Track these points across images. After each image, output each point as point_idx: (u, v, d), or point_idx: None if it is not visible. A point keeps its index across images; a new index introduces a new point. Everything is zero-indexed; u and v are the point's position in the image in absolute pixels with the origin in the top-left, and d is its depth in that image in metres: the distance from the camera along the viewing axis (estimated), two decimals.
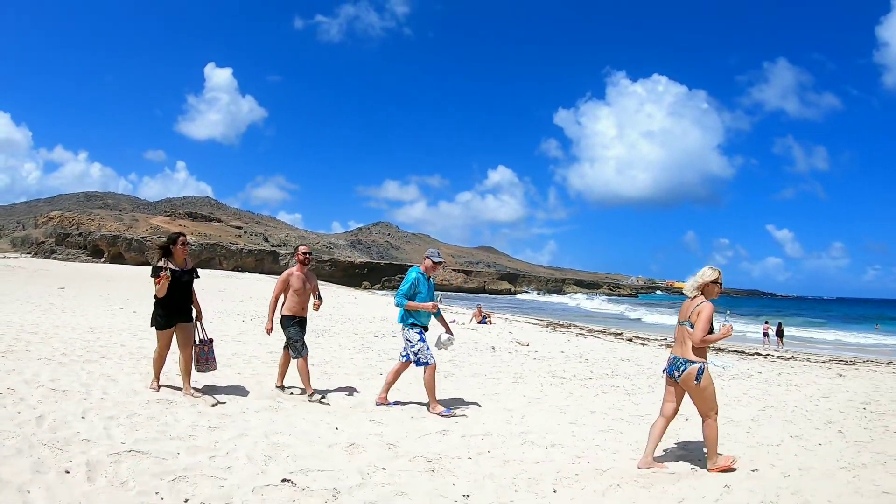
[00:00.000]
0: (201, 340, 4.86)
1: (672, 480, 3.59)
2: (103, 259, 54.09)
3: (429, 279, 5.13)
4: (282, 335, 5.29)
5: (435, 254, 5.22)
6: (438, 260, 5.18)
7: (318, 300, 5.27)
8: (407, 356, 5.04)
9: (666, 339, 16.44)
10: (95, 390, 4.52)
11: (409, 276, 5.03)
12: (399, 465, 3.60)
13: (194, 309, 4.86)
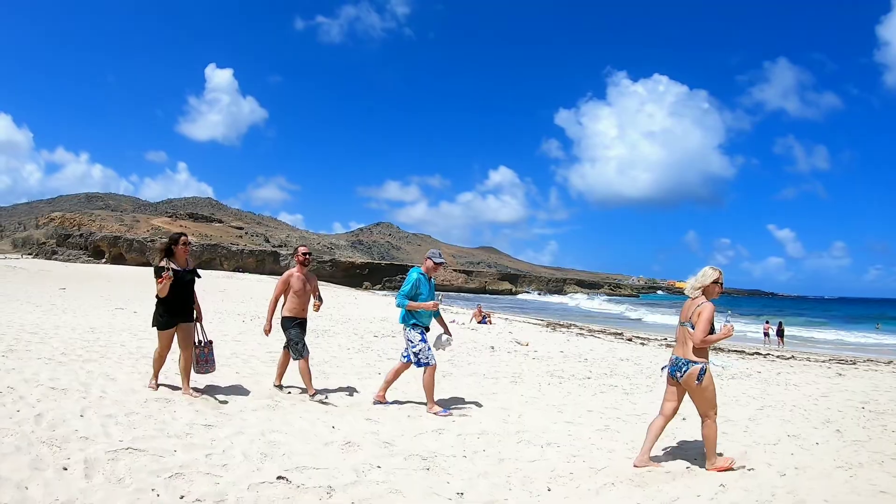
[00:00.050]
0: (201, 342, 4.87)
1: (667, 479, 3.58)
2: (104, 260, 54.10)
3: (430, 280, 5.14)
4: (281, 335, 5.29)
5: (436, 254, 5.23)
6: (440, 261, 5.19)
7: (319, 301, 5.27)
8: (408, 357, 5.04)
9: (666, 339, 16.42)
10: (94, 389, 4.53)
11: (411, 277, 5.03)
12: (394, 464, 3.61)
13: (195, 310, 4.87)
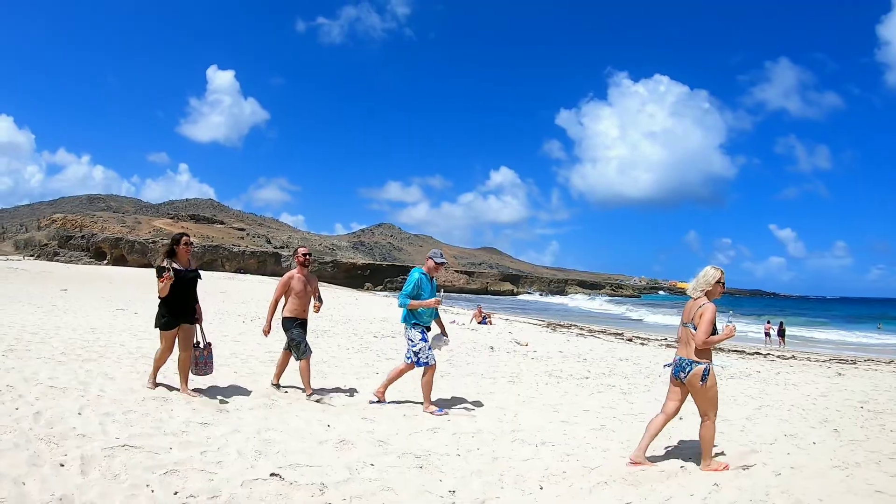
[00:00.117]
0: (200, 344, 4.89)
1: (661, 478, 3.57)
2: (106, 261, 54.18)
3: (431, 279, 5.17)
4: (280, 336, 5.32)
5: (437, 254, 5.26)
6: (441, 261, 5.21)
7: (319, 302, 5.29)
8: (411, 358, 5.05)
9: (666, 339, 16.39)
10: (93, 388, 4.57)
11: (412, 277, 5.06)
12: (387, 462, 3.63)
13: (196, 311, 4.88)
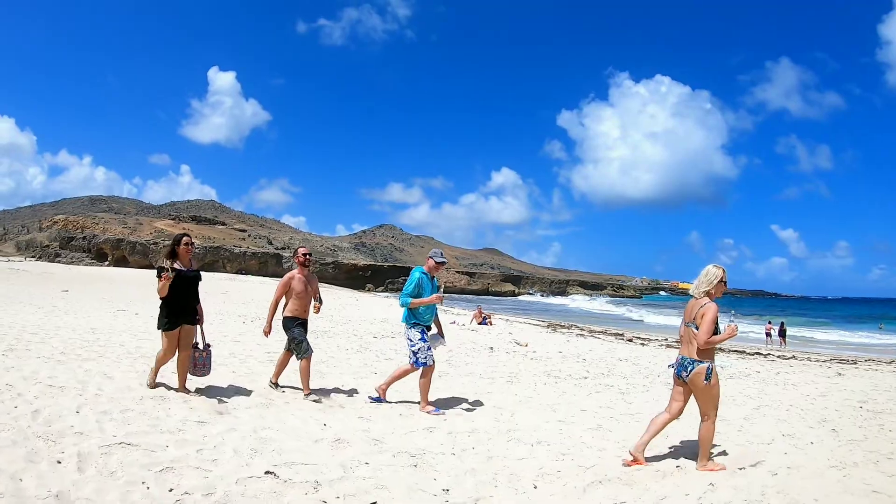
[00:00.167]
0: (198, 345, 4.89)
1: (656, 478, 3.57)
2: (107, 262, 54.35)
3: (432, 279, 5.19)
4: (280, 336, 5.33)
5: (438, 254, 5.27)
6: (441, 260, 5.23)
7: (318, 303, 5.30)
8: (415, 360, 5.06)
9: (667, 340, 16.37)
10: (91, 387, 4.58)
11: (413, 277, 5.07)
12: (382, 460, 3.65)
13: (198, 312, 4.88)
